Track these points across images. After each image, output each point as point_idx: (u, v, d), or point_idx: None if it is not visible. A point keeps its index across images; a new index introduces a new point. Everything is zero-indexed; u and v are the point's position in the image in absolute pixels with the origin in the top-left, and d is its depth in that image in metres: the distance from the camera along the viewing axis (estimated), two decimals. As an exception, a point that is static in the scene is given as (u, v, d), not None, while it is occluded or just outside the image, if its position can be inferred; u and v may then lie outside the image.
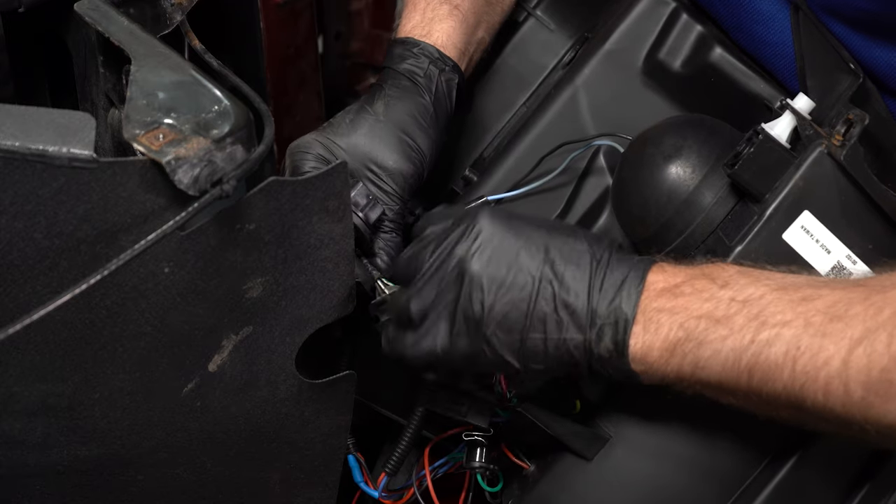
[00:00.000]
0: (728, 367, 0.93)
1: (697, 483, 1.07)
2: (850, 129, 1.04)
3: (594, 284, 0.97)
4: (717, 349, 0.93)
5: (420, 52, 1.26)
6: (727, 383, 0.94)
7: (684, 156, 1.13)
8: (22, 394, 0.91)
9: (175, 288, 0.92)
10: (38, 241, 0.84)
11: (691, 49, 1.32)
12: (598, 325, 0.97)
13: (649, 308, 0.97)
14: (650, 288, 0.97)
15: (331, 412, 1.12)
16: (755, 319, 0.92)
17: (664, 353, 0.96)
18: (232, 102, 0.93)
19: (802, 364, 0.89)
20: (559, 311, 0.98)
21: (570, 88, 1.33)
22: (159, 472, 1.04)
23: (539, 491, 1.12)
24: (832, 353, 0.87)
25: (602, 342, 0.97)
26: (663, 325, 0.96)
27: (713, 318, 0.94)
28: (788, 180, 1.04)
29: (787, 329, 0.90)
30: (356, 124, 1.22)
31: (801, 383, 0.89)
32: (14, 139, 0.81)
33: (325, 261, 1.01)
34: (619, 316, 0.97)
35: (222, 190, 0.86)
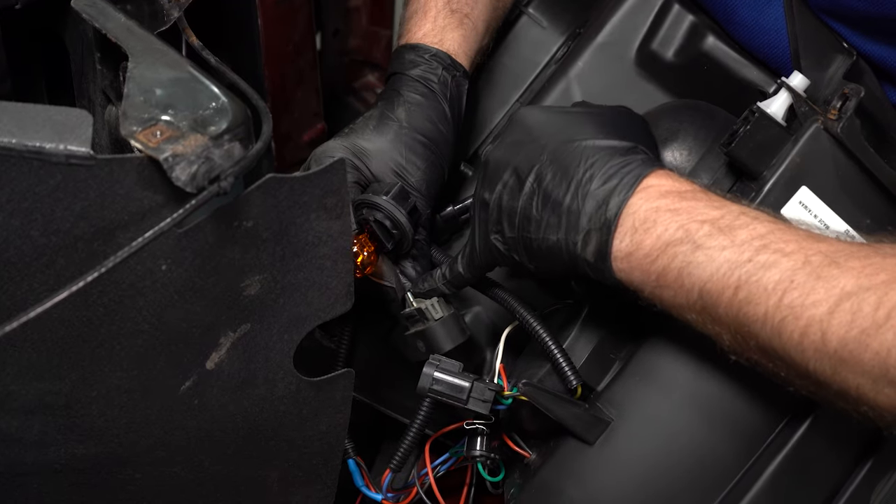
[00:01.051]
0: (717, 277, 0.92)
1: (700, 463, 1.06)
2: (845, 102, 1.05)
3: (581, 187, 0.99)
4: (711, 256, 0.93)
5: (433, 58, 1.27)
6: (709, 295, 0.93)
7: (680, 139, 1.14)
8: (19, 392, 0.91)
9: (172, 285, 0.92)
10: (35, 239, 0.84)
11: (684, 38, 1.33)
12: (585, 230, 0.98)
13: (645, 208, 0.97)
14: (650, 189, 0.97)
15: (329, 410, 1.12)
16: (759, 239, 0.92)
17: (652, 252, 0.96)
18: (229, 99, 0.92)
19: (790, 299, 0.88)
20: (539, 210, 1.01)
21: (563, 81, 1.33)
22: (157, 471, 1.04)
23: (541, 478, 1.12)
24: (821, 298, 0.87)
25: (588, 246, 0.99)
26: (659, 223, 0.96)
27: (717, 225, 0.93)
28: (785, 157, 1.05)
29: (787, 259, 0.90)
30: (382, 131, 1.24)
31: (784, 316, 0.89)
32: (11, 136, 0.81)
33: (324, 258, 1.01)
34: (605, 219, 0.97)
35: (220, 187, 0.86)
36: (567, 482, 1.10)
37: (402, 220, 1.17)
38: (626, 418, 1.09)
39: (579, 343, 1.15)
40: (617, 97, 1.30)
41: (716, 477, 1.06)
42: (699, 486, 1.06)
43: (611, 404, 1.10)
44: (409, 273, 1.21)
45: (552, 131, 1.04)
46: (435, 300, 1.17)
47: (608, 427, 1.09)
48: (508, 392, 1.10)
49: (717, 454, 1.06)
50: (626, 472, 1.08)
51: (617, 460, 1.08)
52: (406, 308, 1.18)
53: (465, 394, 1.09)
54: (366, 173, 1.21)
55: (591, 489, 1.09)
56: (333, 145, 1.22)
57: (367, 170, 1.21)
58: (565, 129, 1.04)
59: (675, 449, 1.07)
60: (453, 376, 1.10)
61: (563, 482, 1.10)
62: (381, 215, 1.17)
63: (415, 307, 1.17)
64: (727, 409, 1.06)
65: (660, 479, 1.07)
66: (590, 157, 1.00)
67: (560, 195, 1.00)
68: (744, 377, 1.03)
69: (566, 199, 0.99)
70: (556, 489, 1.10)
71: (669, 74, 1.32)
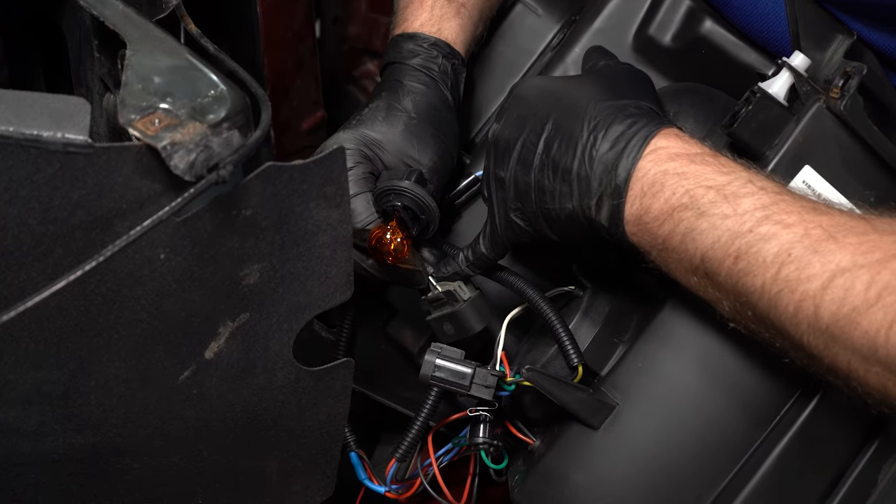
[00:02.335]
0: (718, 245, 0.93)
1: (708, 445, 1.06)
2: (848, 80, 1.05)
3: (586, 151, 0.99)
4: (714, 224, 0.93)
5: (432, 47, 1.28)
6: (710, 262, 0.94)
7: (681, 121, 1.14)
8: (16, 381, 0.90)
9: (171, 274, 0.92)
10: (33, 228, 0.84)
11: (681, 23, 1.32)
12: (597, 194, 0.99)
13: (653, 171, 0.97)
14: (659, 152, 0.98)
15: (328, 400, 1.12)
16: (762, 210, 0.92)
17: (660, 216, 0.97)
18: (228, 87, 0.92)
19: (787, 272, 0.89)
20: (552, 181, 1.02)
21: (560, 68, 1.33)
22: (155, 461, 1.04)
23: (546, 464, 1.12)
24: (816, 272, 0.88)
25: (602, 211, 0.99)
26: (667, 187, 0.96)
27: (723, 192, 0.94)
28: (788, 136, 1.05)
29: (787, 232, 0.90)
30: (391, 122, 1.24)
31: (779, 289, 0.89)
32: (8, 124, 0.80)
33: (323, 247, 1.01)
34: (615, 184, 0.98)
35: (219, 175, 0.85)
36: (572, 468, 1.10)
37: (430, 204, 1.18)
38: (630, 402, 1.08)
39: (582, 328, 1.15)
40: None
41: (722, 459, 1.06)
42: (706, 469, 1.06)
43: (615, 388, 1.09)
44: (427, 258, 1.22)
45: (553, 99, 1.05)
46: (460, 282, 1.17)
47: (613, 411, 1.08)
48: (511, 378, 1.10)
49: (722, 437, 1.06)
50: (631, 457, 1.08)
51: (622, 444, 1.08)
52: (431, 292, 1.18)
53: (467, 380, 1.09)
54: (378, 164, 1.22)
55: (597, 474, 1.09)
56: (344, 136, 1.23)
57: (380, 161, 1.22)
58: (566, 94, 1.05)
59: (681, 432, 1.07)
60: (455, 363, 1.10)
61: (568, 468, 1.10)
62: (408, 200, 1.17)
63: (440, 290, 1.17)
64: (731, 393, 1.06)
65: (666, 462, 1.07)
66: (592, 118, 1.01)
67: (568, 162, 1.00)
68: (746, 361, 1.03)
69: (574, 165, 1.00)
70: (561, 475, 1.10)
71: (667, 59, 1.32)
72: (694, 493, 1.07)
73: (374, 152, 1.22)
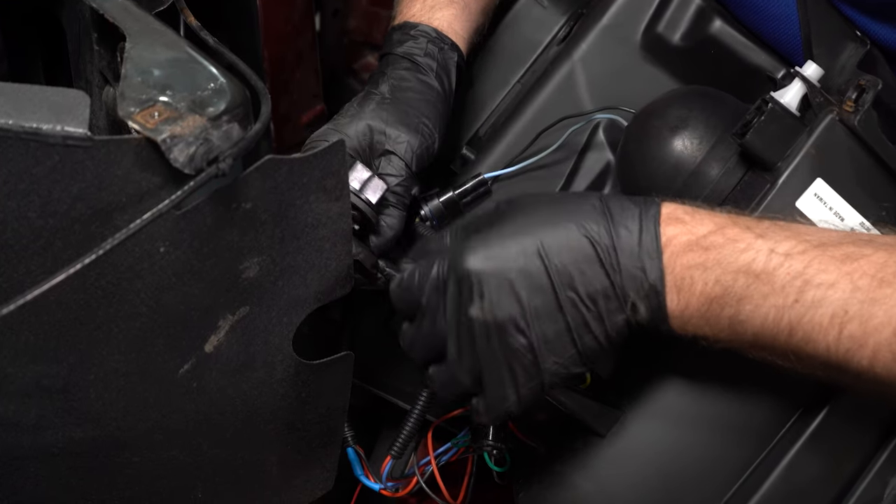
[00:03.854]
0: (768, 324, 0.92)
1: (715, 453, 1.06)
2: (862, 94, 1.04)
3: (610, 265, 0.95)
4: (757, 305, 0.92)
5: (418, 33, 1.27)
6: (764, 340, 0.93)
7: (691, 127, 1.13)
8: (16, 375, 0.90)
9: (171, 268, 0.92)
10: (32, 221, 0.83)
11: (690, 22, 1.31)
12: (630, 301, 0.95)
13: (677, 266, 0.94)
14: (672, 244, 0.95)
15: (328, 393, 1.12)
16: (798, 277, 0.90)
17: (700, 308, 0.94)
18: (228, 80, 0.92)
19: (850, 330, 0.88)
20: (592, 307, 0.96)
21: (567, 64, 1.32)
22: (155, 454, 1.04)
23: (552, 470, 1.12)
24: (882, 321, 0.86)
25: (638, 314, 0.96)
26: (697, 281, 0.94)
27: (752, 272, 0.92)
28: (800, 148, 1.05)
29: (834, 291, 0.88)
30: (363, 106, 1.23)
31: (847, 348, 0.88)
32: (7, 117, 0.80)
33: (323, 240, 1.00)
34: (648, 286, 0.95)
35: (218, 168, 0.85)
36: (579, 474, 1.10)
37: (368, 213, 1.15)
38: (638, 410, 1.08)
39: None
40: (622, 81, 1.30)
41: (730, 468, 1.06)
42: (713, 478, 1.06)
43: (622, 396, 1.09)
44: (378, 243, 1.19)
45: (517, 238, 0.97)
46: None
47: (620, 419, 1.08)
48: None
49: (730, 446, 1.06)
50: (638, 464, 1.08)
51: (629, 452, 1.08)
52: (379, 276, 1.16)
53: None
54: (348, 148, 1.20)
55: (604, 481, 1.08)
56: (322, 131, 1.22)
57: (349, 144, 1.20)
58: (523, 225, 0.98)
59: (689, 440, 1.07)
60: None
61: (574, 474, 1.10)
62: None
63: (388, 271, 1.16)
64: (739, 402, 1.05)
65: (673, 470, 1.07)
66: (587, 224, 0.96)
67: (600, 278, 0.95)
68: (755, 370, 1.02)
69: (607, 279, 0.95)
70: (567, 482, 1.10)
71: (675, 58, 1.31)
72: (701, 501, 1.06)
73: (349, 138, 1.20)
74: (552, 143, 1.27)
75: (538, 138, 1.28)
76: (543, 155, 1.27)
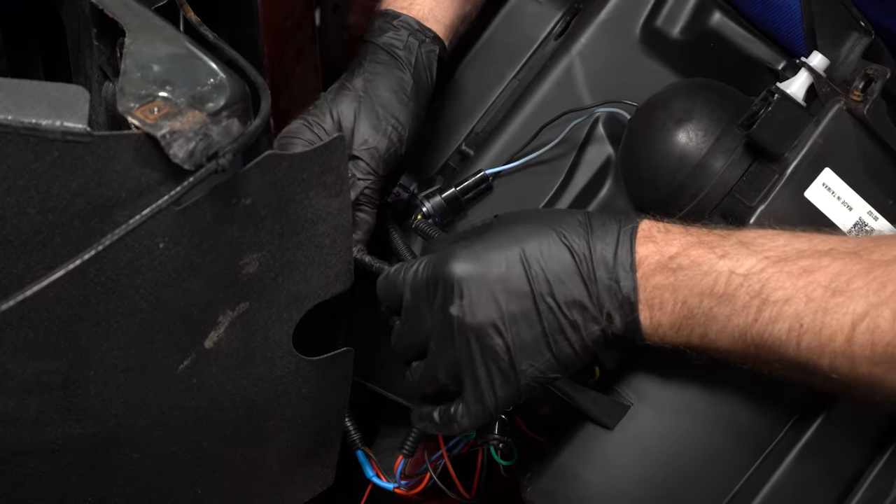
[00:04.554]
0: (735, 341, 0.94)
1: (723, 447, 1.06)
2: (870, 83, 1.04)
3: (587, 276, 0.98)
4: (723, 325, 0.94)
5: (400, 24, 1.26)
6: (736, 355, 0.96)
7: (696, 119, 1.13)
8: (15, 371, 0.90)
9: (170, 263, 0.91)
10: (32, 216, 0.83)
11: (690, 15, 1.31)
12: (605, 313, 0.98)
13: (648, 286, 0.97)
14: (644, 264, 0.97)
15: (329, 389, 1.12)
16: (757, 297, 0.92)
17: (673, 327, 0.97)
18: (228, 75, 0.92)
19: (807, 341, 0.90)
20: (569, 314, 0.98)
21: (566, 59, 1.32)
22: (154, 451, 1.04)
23: (559, 463, 1.11)
24: (835, 330, 0.88)
25: (613, 325, 0.98)
26: (667, 301, 0.96)
27: (715, 294, 0.94)
28: (808, 138, 1.04)
29: (789, 306, 0.90)
30: (336, 103, 1.23)
31: (807, 359, 0.90)
32: (7, 112, 0.80)
33: (323, 236, 1.00)
34: (622, 300, 0.97)
35: (218, 164, 0.85)
36: (586, 467, 1.09)
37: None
38: (645, 402, 1.08)
39: None
40: (621, 75, 1.29)
41: (737, 462, 1.06)
42: (721, 471, 1.06)
43: (630, 389, 1.09)
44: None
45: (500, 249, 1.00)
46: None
47: (628, 412, 1.08)
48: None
49: (737, 439, 1.06)
50: (646, 457, 1.07)
51: (637, 445, 1.08)
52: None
53: None
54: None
55: (612, 474, 1.08)
56: (295, 124, 1.22)
57: (319, 140, 1.20)
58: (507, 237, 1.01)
59: (696, 433, 1.06)
60: None
61: (581, 467, 1.09)
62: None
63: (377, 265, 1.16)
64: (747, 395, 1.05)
65: (681, 463, 1.06)
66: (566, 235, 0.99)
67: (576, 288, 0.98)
68: None
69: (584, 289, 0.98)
70: (574, 474, 1.09)
71: (675, 52, 1.30)
72: (710, 494, 1.06)
73: (319, 136, 1.20)
74: (552, 139, 1.26)
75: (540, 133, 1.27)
76: (545, 150, 1.27)
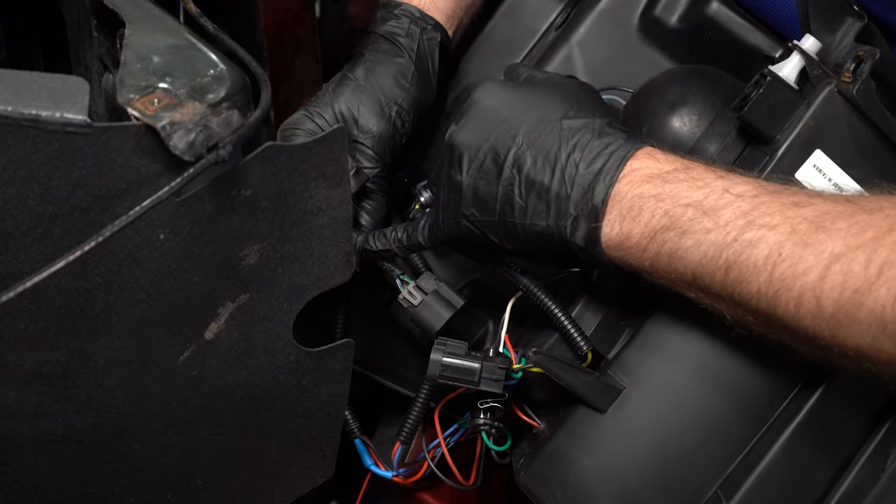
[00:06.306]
0: (707, 260, 0.93)
1: (716, 429, 1.06)
2: (860, 65, 1.04)
3: (566, 172, 0.98)
4: (698, 240, 0.93)
5: (401, 12, 1.27)
6: (702, 277, 0.94)
7: (689, 104, 1.13)
8: (16, 362, 0.90)
9: (171, 255, 0.91)
10: (32, 208, 0.83)
11: (688, 3, 1.31)
12: (572, 215, 0.98)
13: (630, 194, 0.96)
14: (634, 174, 0.97)
15: (329, 380, 1.11)
16: (743, 217, 0.91)
17: (642, 241, 0.96)
18: (228, 67, 0.92)
19: (781, 271, 0.88)
20: (524, 197, 1.00)
21: (565, 48, 1.32)
22: (155, 442, 1.04)
23: (552, 447, 1.11)
24: (811, 265, 0.87)
25: (577, 231, 0.98)
26: (645, 211, 0.95)
27: (701, 207, 0.93)
28: (799, 120, 1.04)
29: (773, 233, 0.89)
30: (338, 92, 1.24)
31: (776, 290, 0.89)
32: (7, 104, 0.80)
33: (323, 227, 1.00)
34: (591, 207, 0.97)
35: (218, 155, 0.85)
36: (579, 450, 1.09)
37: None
38: (638, 385, 1.08)
39: (588, 311, 1.14)
40: (620, 64, 1.29)
41: (731, 443, 1.06)
42: (714, 453, 1.06)
43: (622, 372, 1.09)
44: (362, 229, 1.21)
45: (520, 110, 1.03)
46: (413, 285, 1.16)
47: (621, 394, 1.08)
48: (518, 365, 1.09)
49: (731, 421, 1.06)
50: (639, 440, 1.07)
51: (630, 428, 1.08)
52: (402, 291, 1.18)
53: (476, 376, 1.08)
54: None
55: (604, 457, 1.08)
56: (297, 115, 1.23)
57: (321, 130, 1.20)
58: (535, 106, 1.03)
59: (690, 415, 1.06)
60: (461, 359, 1.08)
61: (574, 451, 1.09)
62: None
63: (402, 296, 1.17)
64: (739, 375, 1.05)
65: (674, 445, 1.06)
66: (570, 137, 1.00)
67: (546, 180, 0.99)
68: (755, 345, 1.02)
69: (553, 185, 0.99)
70: (567, 458, 1.10)
71: (673, 40, 1.31)
72: (702, 476, 1.06)
73: (321, 126, 1.21)
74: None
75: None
76: None
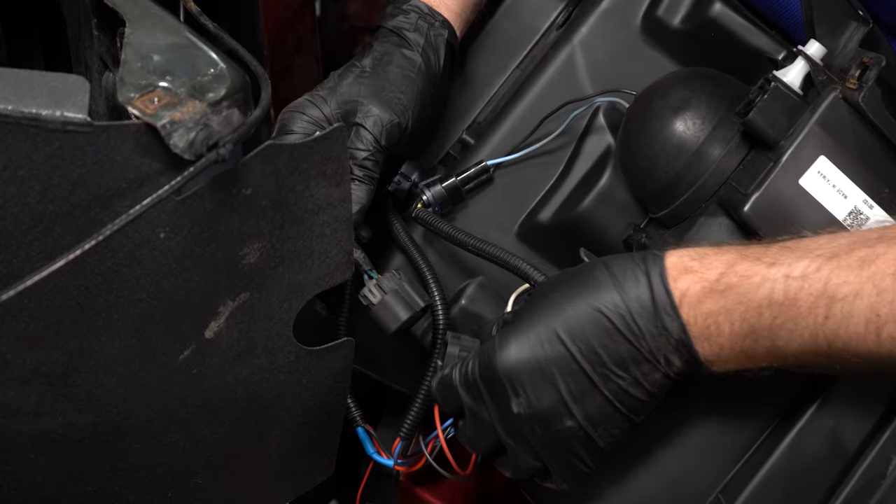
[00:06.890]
0: (805, 345, 0.92)
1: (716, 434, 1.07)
2: (865, 71, 1.04)
3: (631, 332, 0.96)
4: (790, 331, 0.92)
5: (410, 7, 1.27)
6: (807, 359, 0.93)
7: (693, 107, 1.13)
8: (16, 361, 0.90)
9: (171, 253, 0.91)
10: (32, 207, 0.83)
11: (691, 5, 1.30)
12: (662, 358, 0.97)
13: (698, 316, 0.95)
14: (688, 296, 0.95)
15: (329, 379, 1.12)
16: (822, 296, 0.90)
17: (735, 349, 0.95)
18: (228, 65, 0.92)
19: (888, 332, 0.88)
20: (626, 375, 0.98)
21: (567, 49, 1.32)
22: (155, 440, 1.04)
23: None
24: None
25: (674, 366, 0.97)
26: (723, 325, 0.94)
27: (775, 303, 0.92)
28: (804, 126, 1.04)
29: (860, 300, 0.88)
30: (343, 77, 1.24)
31: (889, 349, 0.88)
32: (7, 103, 0.80)
33: (323, 226, 1.00)
34: (675, 343, 0.96)
35: (218, 154, 0.85)
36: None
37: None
38: None
39: None
40: (622, 65, 1.29)
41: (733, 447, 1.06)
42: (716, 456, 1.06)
43: None
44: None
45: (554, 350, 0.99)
46: (374, 283, 1.16)
47: None
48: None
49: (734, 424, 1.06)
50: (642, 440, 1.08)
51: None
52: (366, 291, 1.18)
53: None
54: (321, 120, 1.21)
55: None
56: (299, 100, 1.23)
57: (322, 115, 1.21)
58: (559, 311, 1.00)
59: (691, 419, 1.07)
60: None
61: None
62: None
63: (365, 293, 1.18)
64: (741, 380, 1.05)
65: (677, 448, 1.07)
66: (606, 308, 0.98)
67: (624, 351, 0.97)
68: None
69: (633, 349, 0.97)
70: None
71: (676, 42, 1.30)
72: (704, 479, 1.06)
73: (322, 110, 1.21)
74: (552, 129, 1.26)
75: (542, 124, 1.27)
76: (546, 141, 1.27)
